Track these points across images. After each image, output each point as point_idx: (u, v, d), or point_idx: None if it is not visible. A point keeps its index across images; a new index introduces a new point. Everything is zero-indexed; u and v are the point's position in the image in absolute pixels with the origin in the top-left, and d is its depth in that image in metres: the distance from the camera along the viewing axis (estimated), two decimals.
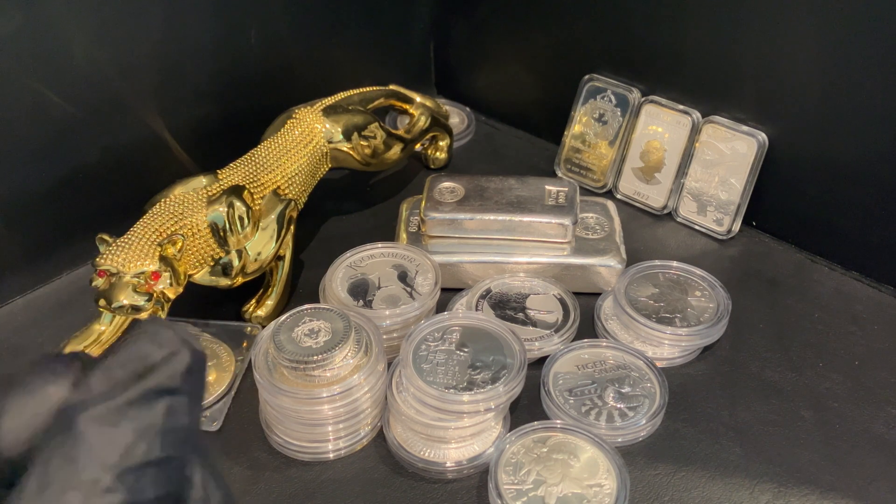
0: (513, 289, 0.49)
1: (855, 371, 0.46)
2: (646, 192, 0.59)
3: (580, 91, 0.61)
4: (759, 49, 0.51)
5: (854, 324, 0.49)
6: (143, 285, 0.40)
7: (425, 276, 0.48)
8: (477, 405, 0.39)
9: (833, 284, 0.52)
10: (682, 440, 0.42)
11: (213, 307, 0.48)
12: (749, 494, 0.39)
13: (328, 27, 0.62)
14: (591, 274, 0.50)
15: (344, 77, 0.62)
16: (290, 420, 0.40)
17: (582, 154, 0.61)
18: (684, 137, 0.57)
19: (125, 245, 0.41)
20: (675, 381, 0.45)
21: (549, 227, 0.49)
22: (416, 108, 0.61)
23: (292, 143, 0.50)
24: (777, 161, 0.54)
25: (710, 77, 0.55)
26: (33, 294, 0.51)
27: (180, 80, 0.54)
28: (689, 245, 0.56)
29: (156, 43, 0.52)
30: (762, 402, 0.44)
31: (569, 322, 0.47)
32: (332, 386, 0.39)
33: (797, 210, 0.54)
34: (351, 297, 0.47)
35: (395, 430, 0.42)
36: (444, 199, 0.51)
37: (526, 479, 0.38)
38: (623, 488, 0.38)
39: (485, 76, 0.70)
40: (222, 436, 0.42)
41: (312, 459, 0.41)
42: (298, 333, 0.40)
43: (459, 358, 0.42)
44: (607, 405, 0.42)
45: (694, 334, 0.46)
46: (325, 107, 0.52)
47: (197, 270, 0.44)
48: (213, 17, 0.54)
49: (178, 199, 0.44)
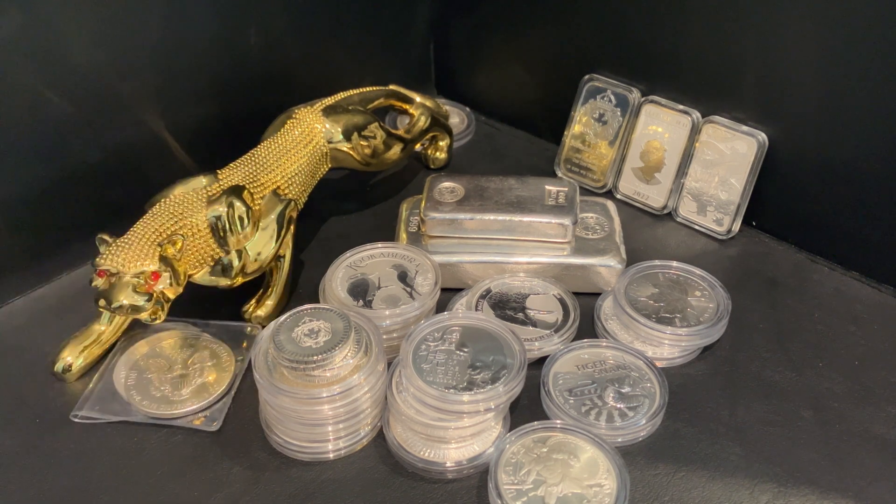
0: (513, 289, 0.49)
1: (855, 371, 0.46)
2: (646, 192, 0.59)
3: (580, 91, 0.61)
4: (760, 49, 0.51)
5: (854, 324, 0.49)
6: (143, 285, 0.40)
7: (425, 276, 0.48)
8: (477, 405, 0.39)
9: (833, 284, 0.52)
10: (682, 440, 0.42)
11: (213, 307, 0.48)
12: (749, 494, 0.39)
13: (328, 27, 0.62)
14: (591, 274, 0.50)
15: (344, 77, 0.62)
16: (290, 420, 0.40)
17: (582, 154, 0.61)
18: (684, 137, 0.57)
19: (125, 245, 0.41)
20: (675, 381, 0.45)
21: (549, 227, 0.49)
22: (416, 108, 0.61)
23: (292, 143, 0.50)
24: (777, 161, 0.54)
25: (710, 77, 0.55)
26: (33, 294, 0.51)
27: (180, 80, 0.54)
28: (689, 245, 0.56)
29: (156, 43, 0.52)
30: (762, 402, 0.44)
31: (569, 322, 0.47)
32: (332, 386, 0.39)
33: (797, 210, 0.54)
34: (351, 297, 0.47)
35: (395, 430, 0.42)
36: (444, 199, 0.51)
37: (526, 479, 0.38)
38: (623, 488, 0.38)
39: (485, 76, 0.70)
40: (222, 436, 0.42)
41: (312, 459, 0.41)
42: (298, 333, 0.40)
43: (459, 358, 0.42)
44: (607, 405, 0.42)
45: (694, 334, 0.46)
46: (325, 107, 0.52)
47: (197, 270, 0.44)
48: (213, 17, 0.54)
49: (178, 199, 0.44)
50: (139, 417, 0.43)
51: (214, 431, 0.42)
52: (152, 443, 0.42)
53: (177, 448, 0.42)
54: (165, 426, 0.43)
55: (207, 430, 0.42)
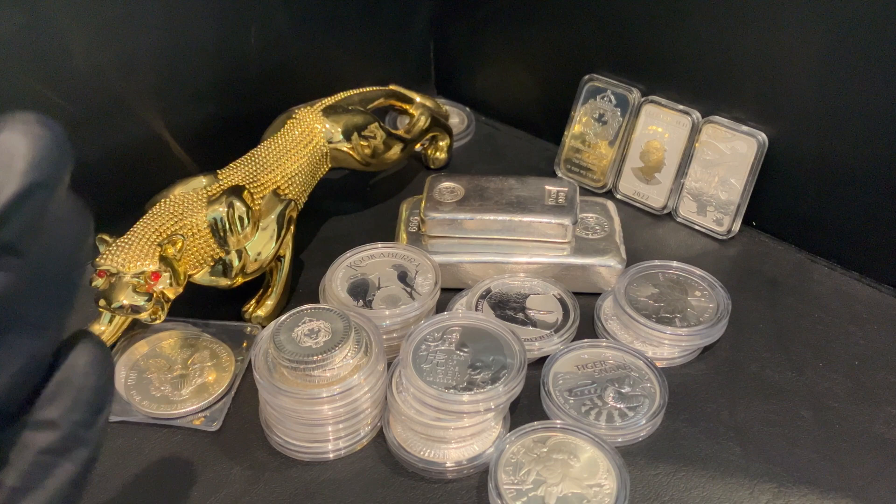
0: (513, 289, 0.49)
1: (855, 371, 0.46)
2: (646, 192, 0.59)
3: (580, 91, 0.61)
4: (759, 49, 0.51)
5: (854, 324, 0.49)
6: (143, 285, 0.40)
7: (425, 276, 0.48)
8: (477, 405, 0.39)
9: (833, 284, 0.52)
10: (682, 440, 0.42)
11: (213, 307, 0.48)
12: (749, 494, 0.39)
13: (328, 27, 0.62)
14: (591, 274, 0.50)
15: (344, 77, 0.62)
16: (290, 420, 0.40)
17: (582, 154, 0.61)
18: (684, 137, 0.57)
19: (125, 245, 0.41)
20: (675, 381, 0.45)
21: (549, 227, 0.49)
22: (416, 108, 0.61)
23: (292, 143, 0.50)
24: (777, 161, 0.54)
25: (710, 77, 0.55)
26: None
27: (180, 80, 0.54)
28: (689, 245, 0.56)
29: (156, 43, 0.52)
30: (762, 402, 0.44)
31: (569, 322, 0.47)
32: (331, 386, 0.39)
33: (797, 210, 0.54)
34: (351, 297, 0.47)
35: (395, 430, 0.42)
36: (444, 199, 0.51)
37: (526, 479, 0.38)
38: (623, 488, 0.38)
39: (485, 76, 0.70)
40: (222, 436, 0.42)
41: (312, 459, 0.41)
42: (298, 333, 0.40)
43: (459, 358, 0.42)
44: (607, 405, 0.42)
45: (694, 334, 0.46)
46: (325, 107, 0.52)
47: (197, 270, 0.44)
48: (213, 17, 0.54)
49: (178, 199, 0.44)
50: (139, 417, 0.43)
51: (214, 431, 0.42)
52: (152, 443, 0.42)
53: (177, 448, 0.42)
54: (165, 426, 0.43)
55: (207, 430, 0.42)
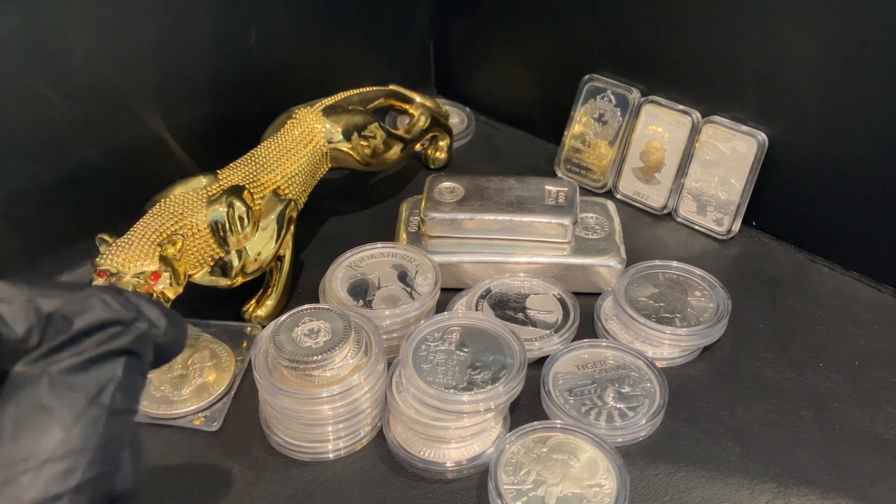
0: (513, 289, 0.49)
1: (855, 371, 0.46)
2: (646, 192, 0.59)
3: (580, 91, 0.61)
4: (759, 49, 0.51)
5: (854, 324, 0.49)
6: (143, 285, 0.40)
7: (425, 276, 0.48)
8: (477, 405, 0.39)
9: (833, 284, 0.52)
10: (682, 440, 0.42)
11: (213, 307, 0.48)
12: (749, 494, 0.39)
13: (328, 27, 0.62)
14: (591, 274, 0.50)
15: (344, 77, 0.62)
16: (290, 420, 0.40)
17: (582, 154, 0.61)
18: (684, 137, 0.57)
19: (125, 245, 0.41)
20: (675, 381, 0.45)
21: (548, 227, 0.49)
22: (416, 108, 0.61)
23: (292, 143, 0.50)
24: (777, 161, 0.54)
25: (710, 77, 0.55)
26: None
27: (180, 80, 0.54)
28: (689, 245, 0.56)
29: (156, 43, 0.52)
30: (762, 402, 0.44)
31: (569, 322, 0.47)
32: (331, 386, 0.39)
33: (797, 210, 0.54)
34: (351, 297, 0.47)
35: (395, 430, 0.42)
36: (444, 199, 0.51)
37: (526, 479, 0.38)
38: (623, 488, 0.38)
39: (485, 76, 0.70)
40: (222, 436, 0.42)
41: (312, 459, 0.41)
42: (298, 333, 0.40)
43: (459, 358, 0.42)
44: (607, 405, 0.42)
45: (694, 334, 0.46)
46: (325, 107, 0.52)
47: (197, 270, 0.44)
48: (213, 17, 0.54)
49: (178, 199, 0.44)
50: (139, 417, 0.42)
51: (214, 431, 0.42)
52: (152, 443, 0.42)
53: (177, 448, 0.42)
54: (165, 426, 0.43)
55: (207, 430, 0.42)
